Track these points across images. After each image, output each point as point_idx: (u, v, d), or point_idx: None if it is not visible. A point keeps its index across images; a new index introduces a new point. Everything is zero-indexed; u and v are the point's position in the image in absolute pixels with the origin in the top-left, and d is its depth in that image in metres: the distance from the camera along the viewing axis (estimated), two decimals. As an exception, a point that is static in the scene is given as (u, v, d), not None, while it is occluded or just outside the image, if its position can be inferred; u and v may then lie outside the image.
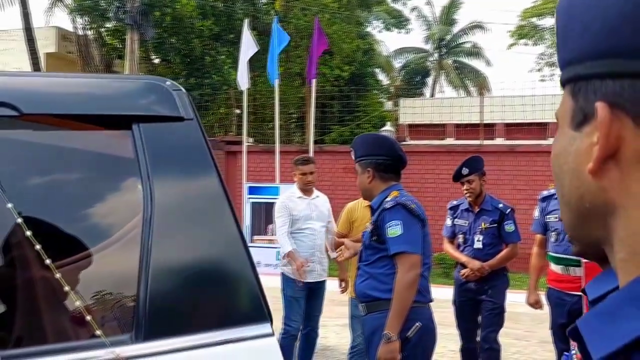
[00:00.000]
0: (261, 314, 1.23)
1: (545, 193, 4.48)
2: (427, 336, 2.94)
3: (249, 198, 10.60)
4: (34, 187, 1.32)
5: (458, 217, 4.77)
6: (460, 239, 4.73)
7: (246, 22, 10.57)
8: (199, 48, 14.96)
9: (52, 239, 1.26)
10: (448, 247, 4.86)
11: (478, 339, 4.70)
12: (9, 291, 1.27)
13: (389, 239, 2.86)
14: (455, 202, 4.90)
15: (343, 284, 4.98)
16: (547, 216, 4.33)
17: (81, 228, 1.30)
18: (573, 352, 1.03)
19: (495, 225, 4.61)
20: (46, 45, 18.97)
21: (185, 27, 14.66)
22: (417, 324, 2.87)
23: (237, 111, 13.91)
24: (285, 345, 4.77)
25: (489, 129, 15.20)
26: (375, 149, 3.07)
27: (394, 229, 2.86)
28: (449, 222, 4.86)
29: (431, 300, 3.03)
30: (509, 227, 4.59)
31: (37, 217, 1.28)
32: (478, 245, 4.61)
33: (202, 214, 1.30)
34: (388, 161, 3.05)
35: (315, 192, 5.07)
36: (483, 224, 4.62)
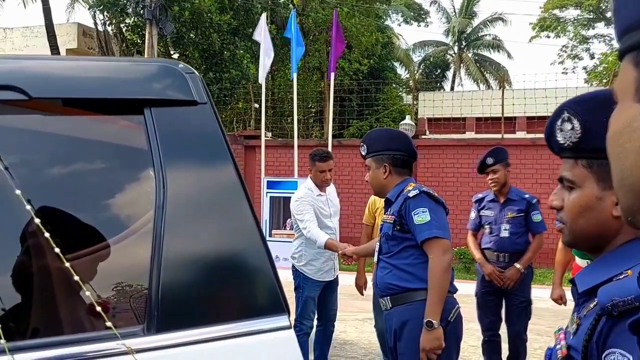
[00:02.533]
0: (278, 306, 1.17)
1: None
2: (460, 325, 2.91)
3: (268, 192, 10.59)
4: (43, 173, 1.28)
5: (484, 208, 4.73)
6: (486, 229, 4.69)
7: (264, 16, 10.53)
8: (217, 43, 14.96)
9: (62, 228, 1.21)
10: (470, 241, 4.82)
11: (499, 332, 4.65)
12: (19, 281, 1.24)
13: (417, 226, 2.82)
14: (480, 195, 4.86)
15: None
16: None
17: (93, 218, 1.26)
18: (558, 347, 0.97)
19: (522, 215, 4.55)
20: (67, 41, 19.17)
21: (204, 21, 14.66)
22: (457, 306, 2.86)
23: (256, 105, 13.90)
24: (300, 344, 4.70)
25: (510, 123, 14.98)
26: (391, 144, 3.04)
27: (422, 216, 2.82)
28: (473, 214, 4.82)
29: (457, 290, 2.97)
30: (536, 217, 4.54)
31: (47, 206, 1.24)
32: (504, 234, 4.56)
33: (217, 203, 1.25)
34: (405, 156, 3.04)
35: None
36: (509, 213, 4.57)
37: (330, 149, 10.24)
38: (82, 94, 1.27)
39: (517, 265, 4.48)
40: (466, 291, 5.01)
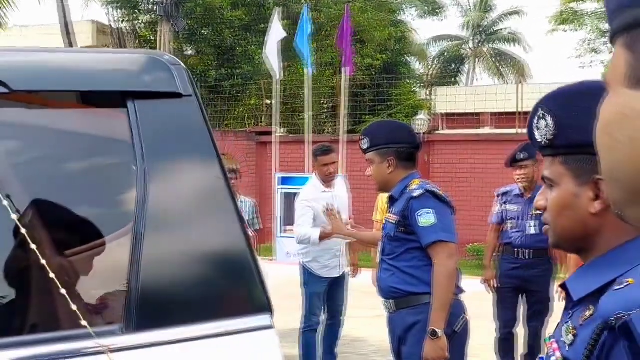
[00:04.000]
0: (260, 305, 1.13)
1: None
2: (466, 336, 2.82)
3: (280, 188, 10.57)
4: (24, 167, 1.26)
5: (509, 202, 4.62)
6: (509, 224, 4.58)
7: (276, 11, 10.49)
8: (229, 39, 14.97)
9: (42, 224, 1.19)
10: (491, 238, 4.75)
11: (515, 329, 4.60)
12: None
13: (422, 228, 2.70)
14: (504, 189, 4.72)
15: (352, 269, 4.91)
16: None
17: (73, 214, 1.23)
18: (553, 358, 0.91)
19: None
20: (83, 38, 19.33)
21: (216, 17, 14.67)
22: (463, 315, 2.76)
23: (268, 102, 13.90)
24: (307, 339, 4.71)
25: (526, 118, 14.75)
26: (396, 137, 2.91)
27: (427, 218, 2.69)
28: (497, 208, 4.71)
29: (463, 292, 2.89)
30: None
31: (28, 201, 1.21)
32: (531, 231, 4.45)
33: (199, 200, 1.21)
34: (410, 149, 2.91)
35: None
36: (535, 210, 4.49)
37: (343, 144, 10.20)
38: (64, 86, 1.24)
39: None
40: (481, 289, 4.94)
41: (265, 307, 1.14)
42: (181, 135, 1.26)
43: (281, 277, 6.19)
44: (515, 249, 4.50)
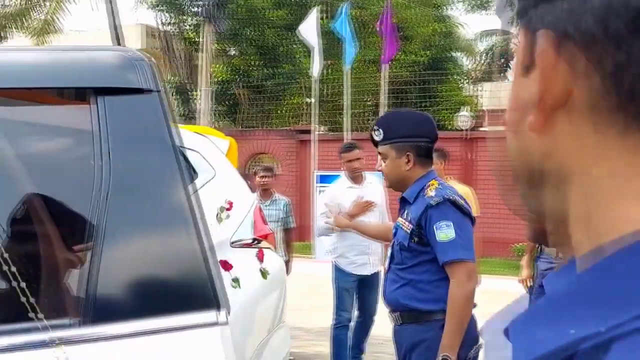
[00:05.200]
0: (208, 302, 1.12)
1: None
2: (478, 356, 2.59)
3: (319, 186, 10.58)
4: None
5: None
6: None
7: (315, 10, 10.51)
8: (272, 38, 15.09)
9: (4, 217, 1.22)
10: None
11: None
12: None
13: (439, 243, 2.44)
14: None
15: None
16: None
17: (35, 208, 1.25)
18: None
19: None
20: (134, 42, 19.92)
21: (259, 18, 14.83)
22: (481, 342, 2.51)
23: (308, 100, 13.94)
24: (338, 335, 4.71)
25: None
26: (416, 129, 2.63)
27: (446, 232, 2.44)
28: None
29: (475, 306, 2.61)
30: None
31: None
32: None
33: (153, 195, 1.21)
34: (429, 143, 2.64)
35: (368, 179, 4.82)
36: None
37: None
38: (29, 83, 1.27)
39: None
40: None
41: (211, 303, 1.13)
42: (139, 131, 1.26)
43: (320, 275, 6.17)
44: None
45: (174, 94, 16.81)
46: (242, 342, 2.05)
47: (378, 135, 2.66)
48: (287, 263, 5.53)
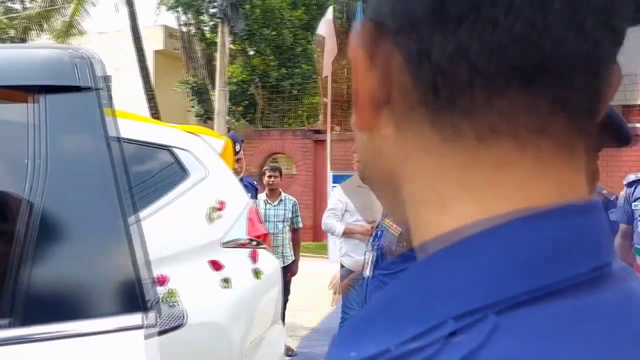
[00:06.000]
0: (134, 305, 1.10)
1: (632, 177, 3.78)
2: None
3: (333, 186, 10.54)
4: None
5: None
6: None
7: (330, 9, 10.48)
8: (289, 38, 15.10)
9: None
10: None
11: None
12: None
13: None
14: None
15: None
16: (634, 203, 3.71)
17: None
18: None
19: None
20: (155, 43, 20.12)
21: (275, 18, 14.85)
22: None
23: (325, 100, 13.91)
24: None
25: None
26: None
27: None
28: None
29: None
30: None
31: None
32: None
33: (85, 194, 1.19)
34: None
35: None
36: None
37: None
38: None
39: None
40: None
41: (137, 306, 1.11)
42: (74, 127, 1.24)
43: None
44: None
45: (190, 94, 16.93)
46: (233, 340, 2.04)
47: None
48: (294, 263, 5.52)
